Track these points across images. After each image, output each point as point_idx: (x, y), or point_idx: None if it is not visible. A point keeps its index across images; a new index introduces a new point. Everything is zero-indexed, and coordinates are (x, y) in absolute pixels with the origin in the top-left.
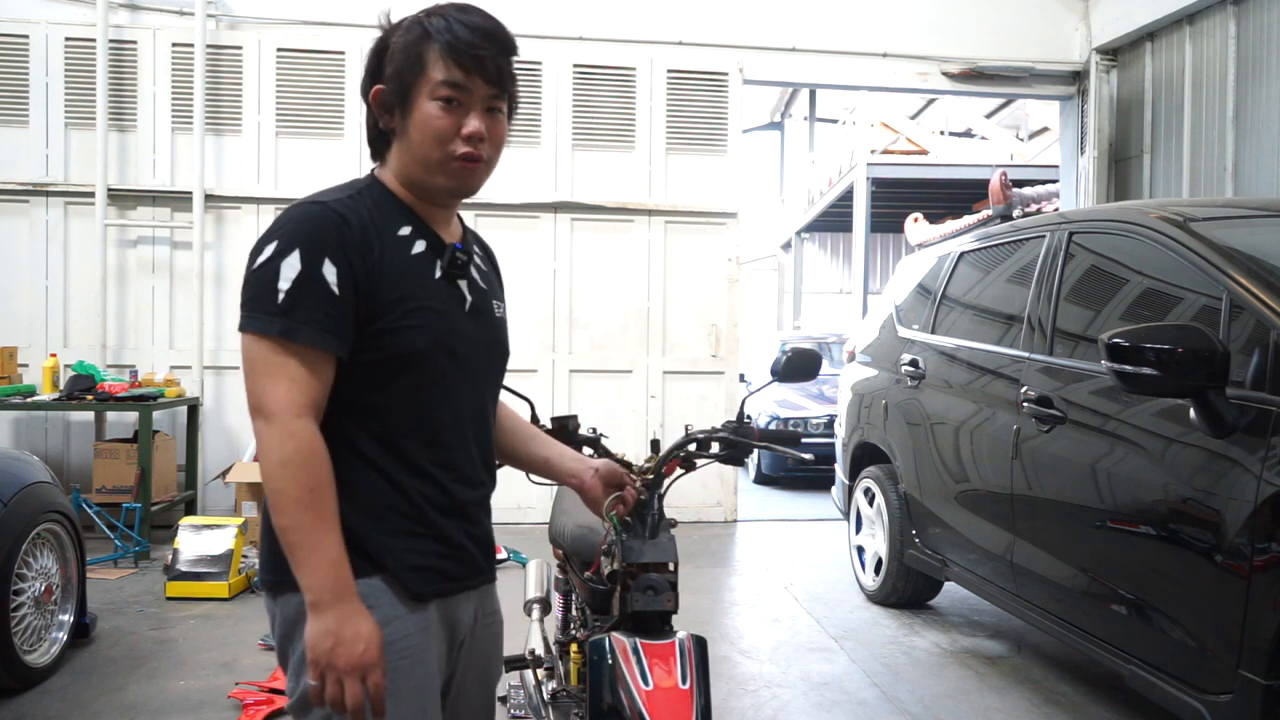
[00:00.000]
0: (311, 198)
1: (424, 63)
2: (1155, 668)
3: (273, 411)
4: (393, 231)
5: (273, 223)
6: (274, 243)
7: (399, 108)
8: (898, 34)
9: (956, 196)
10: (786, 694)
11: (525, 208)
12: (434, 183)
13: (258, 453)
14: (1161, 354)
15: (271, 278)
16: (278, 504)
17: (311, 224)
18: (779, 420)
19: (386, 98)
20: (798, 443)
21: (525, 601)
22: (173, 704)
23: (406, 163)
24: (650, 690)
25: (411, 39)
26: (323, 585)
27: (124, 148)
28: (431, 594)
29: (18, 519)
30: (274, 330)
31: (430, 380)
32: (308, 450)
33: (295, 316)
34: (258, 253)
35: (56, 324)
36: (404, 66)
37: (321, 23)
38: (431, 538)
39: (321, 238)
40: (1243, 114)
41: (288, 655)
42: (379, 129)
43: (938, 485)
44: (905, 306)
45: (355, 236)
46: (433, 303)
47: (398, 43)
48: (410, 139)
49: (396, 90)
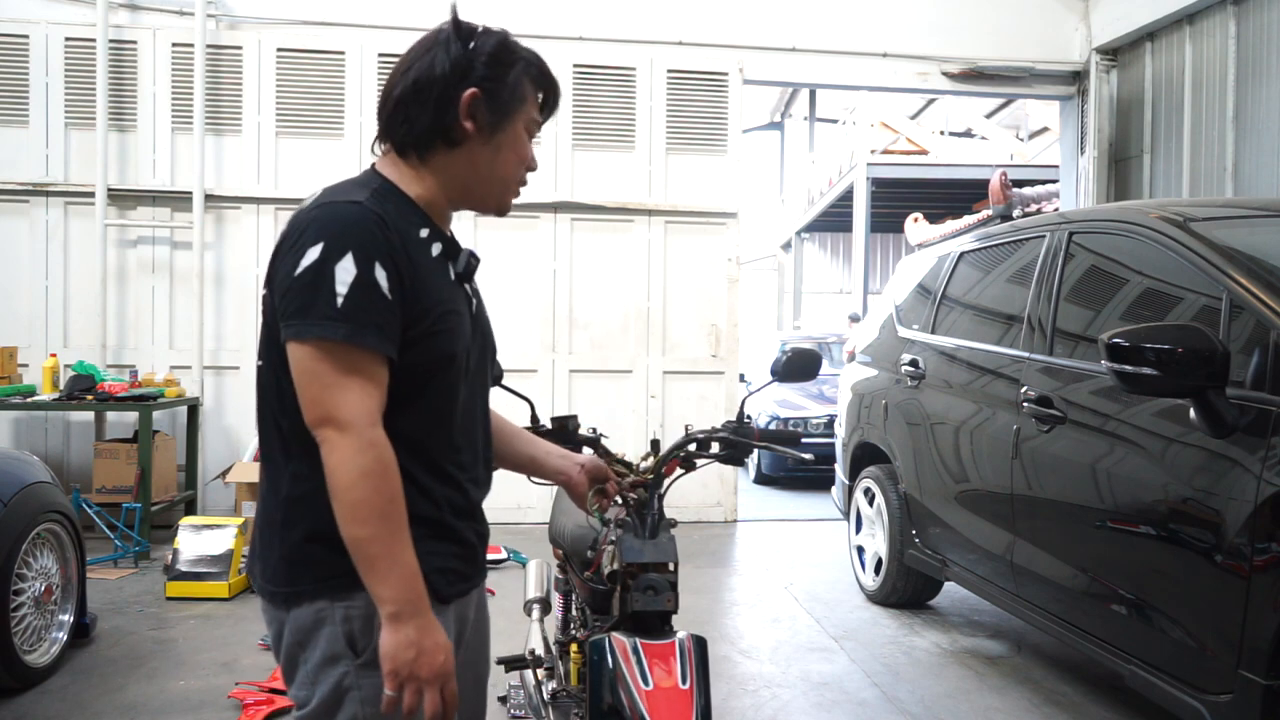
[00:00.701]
0: (344, 198)
1: (525, 95)
2: (1155, 668)
3: (348, 421)
4: (415, 234)
5: (308, 224)
6: (319, 245)
7: (489, 122)
8: (898, 34)
9: (956, 196)
10: (786, 694)
11: (525, 208)
12: (490, 199)
13: (330, 464)
14: (1161, 354)
15: (327, 281)
16: (358, 515)
17: (359, 226)
18: (779, 420)
19: (480, 106)
20: (798, 443)
21: (525, 601)
22: (173, 704)
23: (470, 175)
24: (650, 690)
25: (518, 69)
26: (404, 597)
27: (124, 148)
28: (454, 595)
29: (18, 519)
30: (339, 335)
31: (454, 385)
32: (387, 461)
33: (358, 321)
34: (298, 256)
35: (56, 324)
36: (510, 90)
37: (321, 23)
38: (452, 539)
39: (371, 240)
40: (1243, 114)
41: (297, 664)
42: (442, 129)
43: (938, 485)
44: (905, 306)
45: (396, 239)
46: (456, 306)
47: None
48: (496, 159)
49: (497, 108)
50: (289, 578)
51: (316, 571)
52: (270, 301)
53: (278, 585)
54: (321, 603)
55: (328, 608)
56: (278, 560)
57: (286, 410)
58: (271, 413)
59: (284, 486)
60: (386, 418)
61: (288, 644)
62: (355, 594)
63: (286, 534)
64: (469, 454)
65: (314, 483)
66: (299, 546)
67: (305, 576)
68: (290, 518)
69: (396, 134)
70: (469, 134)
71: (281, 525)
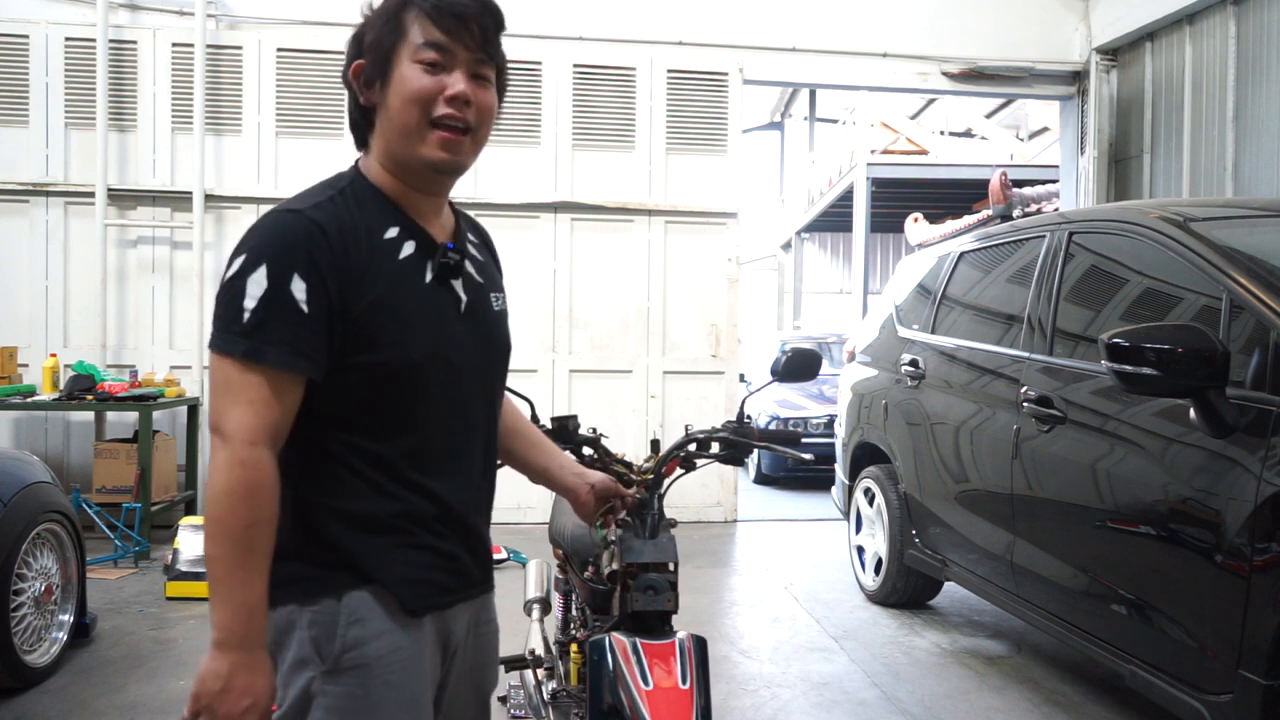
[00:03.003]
0: (287, 204)
1: (404, 26)
2: (1155, 668)
3: (227, 434)
4: (379, 234)
5: (245, 233)
6: (242, 256)
7: (379, 79)
8: (898, 34)
9: (956, 196)
10: (786, 694)
11: (525, 208)
12: (416, 155)
13: (209, 473)
14: (1161, 354)
15: (238, 295)
16: (212, 532)
17: (281, 236)
18: (779, 420)
19: (367, 70)
20: (798, 443)
21: (525, 601)
22: (173, 704)
23: (389, 138)
24: (650, 690)
25: (391, 5)
26: (232, 628)
27: (124, 148)
28: (427, 608)
29: (18, 519)
30: (238, 351)
31: (423, 392)
32: (254, 483)
33: (261, 338)
34: (228, 266)
35: (56, 324)
36: (383, 33)
37: (321, 23)
38: (425, 549)
39: (291, 251)
40: (1243, 114)
41: (276, 664)
42: (361, 110)
43: (938, 485)
44: (905, 306)
45: (333, 246)
46: (425, 311)
47: (376, 13)
48: (390, 108)
49: (375, 60)
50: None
51: (286, 571)
52: None
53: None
54: (291, 606)
55: (296, 611)
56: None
57: None
58: None
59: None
60: (346, 425)
61: (268, 643)
62: (321, 599)
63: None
64: (455, 462)
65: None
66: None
67: (279, 575)
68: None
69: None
70: (372, 103)
71: None
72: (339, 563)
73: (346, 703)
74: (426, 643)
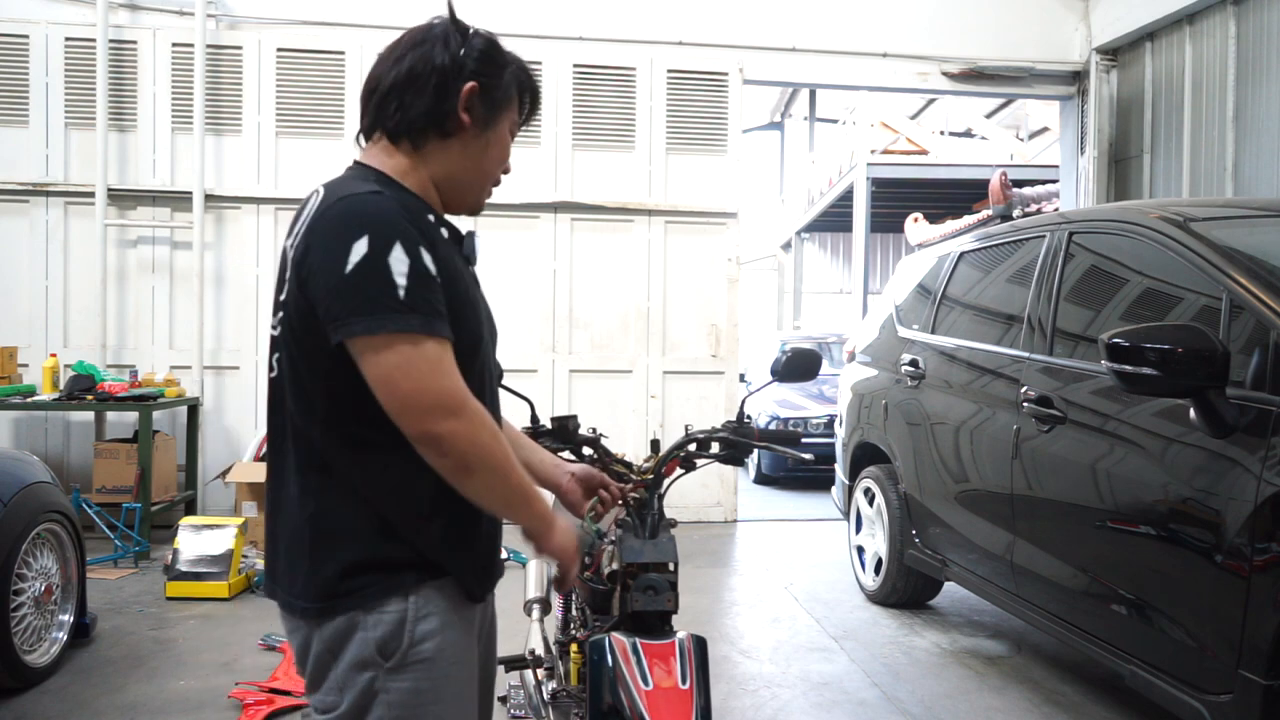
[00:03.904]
0: (363, 189)
1: (512, 98)
2: (1155, 668)
3: (459, 403)
4: (426, 219)
5: (339, 220)
6: (364, 238)
7: (482, 117)
8: (898, 34)
9: (956, 196)
10: (786, 694)
11: (525, 208)
12: (471, 195)
13: (456, 448)
14: (1161, 354)
15: (385, 273)
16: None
17: (390, 214)
18: (779, 420)
19: (476, 100)
20: (798, 443)
21: (525, 601)
22: (173, 704)
23: (458, 166)
24: (650, 690)
25: (510, 72)
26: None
27: (124, 148)
28: (484, 593)
29: (18, 519)
30: (416, 327)
31: (477, 371)
32: (493, 428)
33: (424, 310)
34: (342, 253)
35: (56, 324)
36: (505, 88)
37: (321, 23)
38: (483, 537)
39: (409, 227)
40: (1243, 114)
41: (326, 671)
42: (438, 115)
43: (938, 485)
44: (905, 306)
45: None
46: (472, 291)
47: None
48: (485, 152)
49: (490, 104)
50: (321, 594)
51: (350, 585)
52: (298, 306)
53: (309, 601)
54: (355, 612)
55: (359, 616)
56: (308, 577)
57: (321, 420)
58: (298, 424)
59: (311, 503)
60: None
61: (317, 653)
62: (388, 601)
63: (318, 551)
64: None
65: (345, 497)
66: (332, 564)
67: (339, 592)
68: (320, 534)
69: (389, 120)
70: (463, 126)
71: (311, 542)
72: (408, 562)
73: (410, 697)
74: (473, 632)
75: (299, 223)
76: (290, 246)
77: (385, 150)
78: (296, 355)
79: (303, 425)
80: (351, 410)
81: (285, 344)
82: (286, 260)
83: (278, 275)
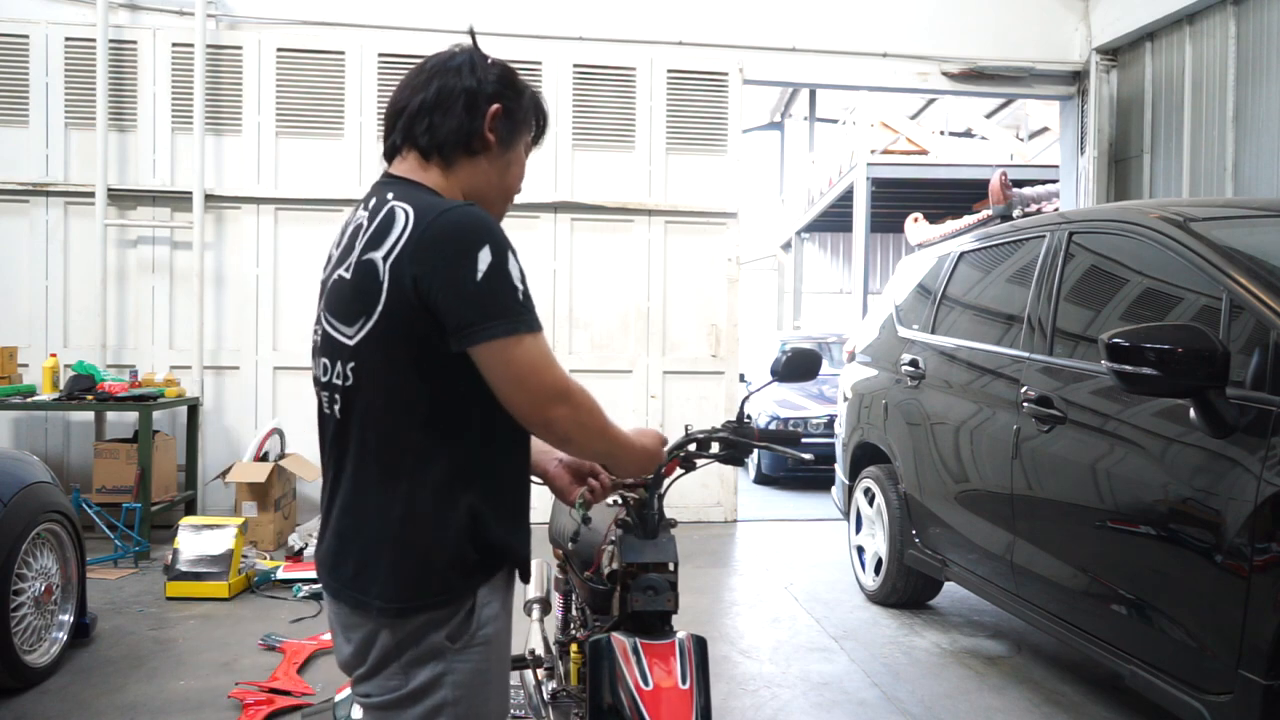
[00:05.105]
0: (459, 203)
1: (529, 121)
2: (1155, 668)
3: (567, 390)
4: None
5: (457, 231)
6: (486, 248)
7: (505, 137)
8: (898, 34)
9: (956, 196)
10: (786, 694)
11: (525, 208)
12: (494, 210)
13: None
14: (1161, 354)
15: (509, 281)
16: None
17: (497, 224)
18: (779, 420)
19: (500, 121)
20: (798, 443)
21: (525, 601)
22: (173, 704)
23: (484, 183)
24: (650, 690)
25: (528, 98)
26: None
27: (124, 148)
28: (528, 575)
29: (18, 519)
30: (537, 326)
31: None
32: (593, 401)
33: (533, 311)
34: (469, 264)
35: (56, 324)
36: (525, 114)
37: (321, 23)
38: (527, 521)
39: (506, 239)
40: (1243, 114)
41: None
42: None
43: (938, 485)
44: (905, 306)
45: None
46: None
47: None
48: (508, 174)
49: (511, 128)
50: (402, 595)
51: (434, 586)
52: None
53: (388, 601)
54: (434, 611)
55: (437, 614)
56: (388, 579)
57: (423, 422)
58: (388, 429)
59: (399, 505)
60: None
61: (384, 645)
62: (464, 598)
63: (402, 554)
64: None
65: (431, 501)
66: (416, 567)
67: (423, 592)
68: (407, 536)
69: (420, 137)
70: (489, 145)
71: (395, 545)
72: (480, 564)
73: (473, 677)
74: (512, 614)
75: (392, 238)
76: (384, 259)
77: (419, 165)
78: (400, 359)
79: (396, 430)
80: (452, 410)
81: (379, 353)
82: (378, 272)
83: (354, 287)
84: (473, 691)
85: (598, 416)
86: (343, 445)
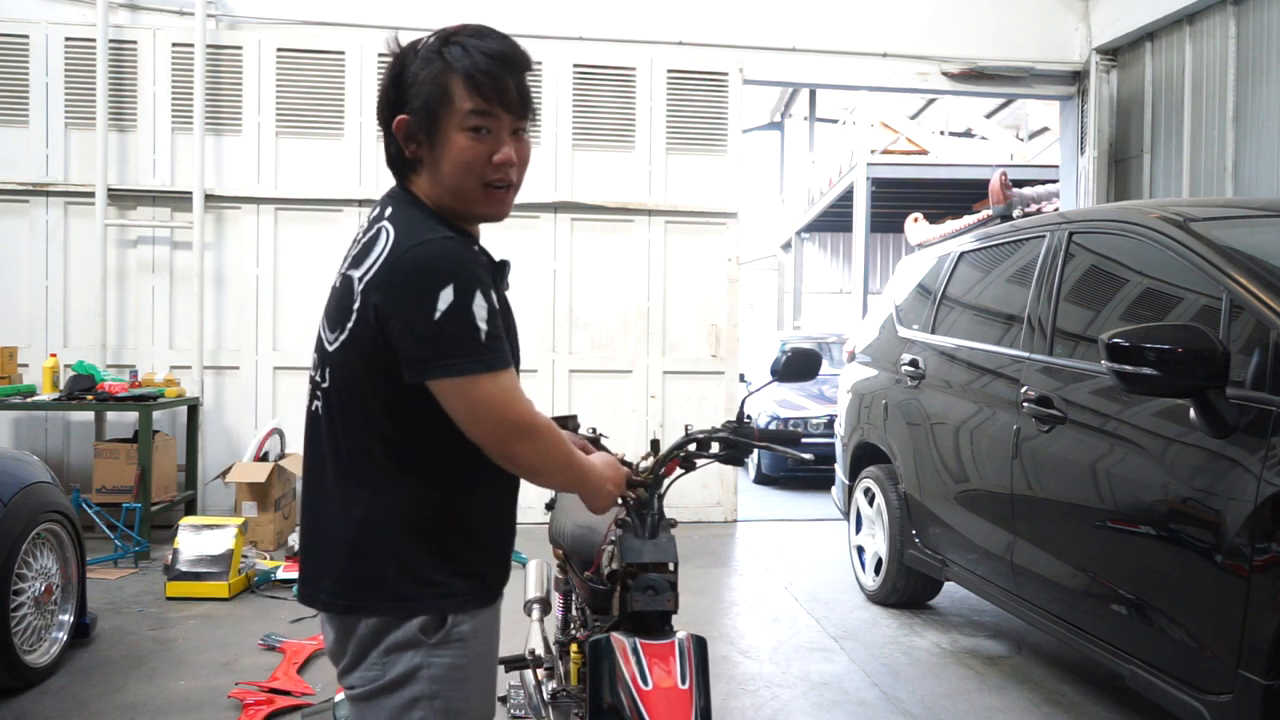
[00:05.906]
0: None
1: (449, 92)
2: (1155, 668)
3: (530, 427)
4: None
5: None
6: (450, 287)
7: (425, 138)
8: (898, 34)
9: (956, 196)
10: (786, 694)
11: (525, 208)
12: (470, 211)
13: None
14: (1161, 354)
15: (471, 320)
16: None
17: (470, 262)
18: (779, 420)
19: (412, 128)
20: (798, 443)
21: (525, 601)
22: (173, 704)
23: (440, 192)
24: (650, 690)
25: (434, 71)
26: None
27: (124, 148)
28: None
29: (18, 519)
30: (495, 364)
31: None
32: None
33: (496, 349)
34: (429, 300)
35: (56, 324)
36: (431, 99)
37: (321, 23)
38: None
39: (481, 273)
40: (1243, 114)
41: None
42: (400, 155)
43: (938, 485)
44: (905, 306)
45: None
46: (510, 316)
47: (420, 74)
48: (442, 171)
49: (423, 123)
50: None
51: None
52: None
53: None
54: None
55: (386, 618)
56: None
57: (382, 437)
58: (353, 435)
59: (358, 509)
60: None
61: (361, 638)
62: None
63: (351, 554)
64: None
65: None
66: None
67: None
68: (361, 540)
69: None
70: (419, 155)
71: (349, 544)
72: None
73: (449, 672)
74: (497, 619)
75: (370, 259)
76: (359, 280)
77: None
78: (362, 375)
79: (360, 439)
80: (412, 431)
81: (348, 365)
82: (353, 290)
83: (337, 297)
84: (451, 687)
85: (563, 450)
86: (318, 444)
